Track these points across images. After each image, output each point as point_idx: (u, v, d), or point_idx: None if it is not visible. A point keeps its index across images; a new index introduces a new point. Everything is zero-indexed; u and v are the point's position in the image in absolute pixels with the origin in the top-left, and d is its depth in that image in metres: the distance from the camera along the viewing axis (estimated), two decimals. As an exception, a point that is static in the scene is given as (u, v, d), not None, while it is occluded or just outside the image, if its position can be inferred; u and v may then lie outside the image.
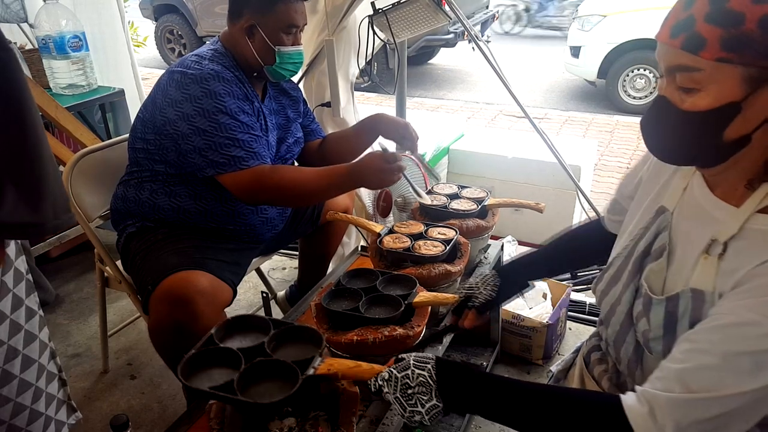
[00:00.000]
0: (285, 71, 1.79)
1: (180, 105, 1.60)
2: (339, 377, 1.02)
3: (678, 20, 0.80)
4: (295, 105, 1.99)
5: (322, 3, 2.18)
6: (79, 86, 2.74)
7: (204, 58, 1.68)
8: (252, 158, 1.61)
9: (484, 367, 2.09)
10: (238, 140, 1.60)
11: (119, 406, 2.09)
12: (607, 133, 5.17)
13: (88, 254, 2.86)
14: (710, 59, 0.77)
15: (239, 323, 1.14)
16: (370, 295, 1.38)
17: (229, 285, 1.68)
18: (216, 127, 1.58)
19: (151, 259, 1.67)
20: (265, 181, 1.62)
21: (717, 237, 0.86)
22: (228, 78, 1.64)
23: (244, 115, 1.64)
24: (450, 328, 1.39)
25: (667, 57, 0.83)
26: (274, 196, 1.68)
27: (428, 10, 2.12)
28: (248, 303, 2.64)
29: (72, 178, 1.85)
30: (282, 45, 1.73)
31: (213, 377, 1.01)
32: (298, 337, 1.12)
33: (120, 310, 2.60)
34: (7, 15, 2.69)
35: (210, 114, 1.58)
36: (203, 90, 1.59)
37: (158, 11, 8.45)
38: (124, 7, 3.03)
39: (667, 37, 0.81)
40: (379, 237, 1.65)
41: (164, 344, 1.65)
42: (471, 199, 1.88)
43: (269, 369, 1.01)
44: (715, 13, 0.76)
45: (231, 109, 1.60)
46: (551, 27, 9.30)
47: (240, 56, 1.75)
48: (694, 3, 0.78)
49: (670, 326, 0.89)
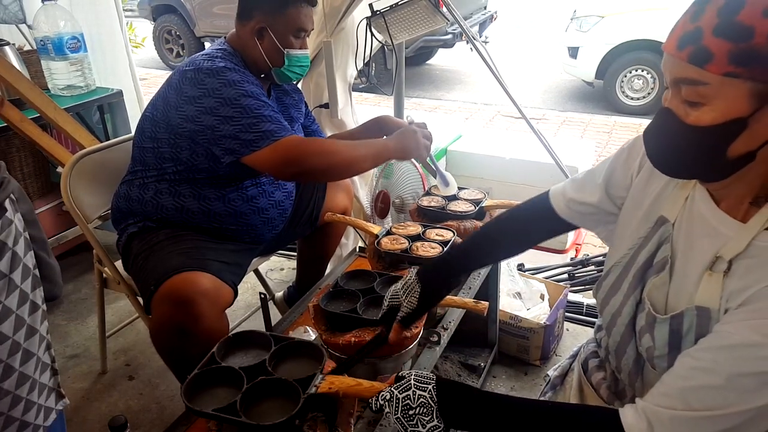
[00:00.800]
0: (292, 74, 1.81)
1: (200, 100, 1.61)
2: (340, 395, 1.04)
3: (685, 32, 0.77)
4: (298, 106, 2.00)
5: (321, 5, 2.19)
6: (77, 87, 2.74)
7: (214, 57, 1.70)
8: (283, 130, 1.62)
9: (482, 367, 2.10)
10: (266, 116, 1.61)
11: (117, 406, 2.09)
12: (604, 134, 5.18)
13: (86, 255, 2.86)
14: (717, 73, 0.74)
15: (240, 339, 1.15)
16: (367, 296, 1.39)
17: (230, 286, 1.68)
18: (241, 110, 1.60)
19: (153, 260, 1.67)
20: (303, 147, 1.62)
21: (722, 254, 0.85)
22: (241, 71, 1.67)
23: (265, 97, 1.67)
24: (375, 342, 1.22)
25: (673, 69, 0.80)
26: (313, 164, 1.62)
27: (426, 12, 2.13)
28: (246, 303, 2.64)
29: (71, 179, 1.85)
30: (291, 48, 1.76)
31: (216, 396, 1.02)
32: (298, 352, 1.13)
33: (118, 311, 2.60)
34: (5, 16, 2.70)
35: (232, 101, 1.60)
36: (220, 81, 1.61)
37: (156, 12, 8.45)
38: (122, 7, 3.03)
39: (674, 49, 0.79)
40: (377, 239, 1.66)
41: (166, 345, 1.66)
42: (469, 201, 1.88)
43: (271, 387, 1.03)
44: (723, 26, 0.73)
45: (252, 91, 1.63)
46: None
47: (248, 57, 1.77)
48: (703, 15, 0.76)
49: (674, 343, 0.89)
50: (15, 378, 1.00)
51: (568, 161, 2.69)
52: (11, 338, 0.97)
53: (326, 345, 1.34)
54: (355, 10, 2.22)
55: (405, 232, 1.70)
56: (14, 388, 1.00)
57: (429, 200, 1.90)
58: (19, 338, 0.99)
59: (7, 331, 0.97)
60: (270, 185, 1.85)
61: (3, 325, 0.96)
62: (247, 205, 1.78)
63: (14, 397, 1.01)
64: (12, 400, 1.01)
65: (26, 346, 1.01)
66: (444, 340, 1.56)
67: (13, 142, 2.55)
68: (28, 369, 1.03)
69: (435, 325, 1.60)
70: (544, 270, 2.65)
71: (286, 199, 1.91)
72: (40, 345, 1.06)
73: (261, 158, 1.60)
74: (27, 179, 2.67)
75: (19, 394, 1.02)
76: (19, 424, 1.04)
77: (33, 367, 1.04)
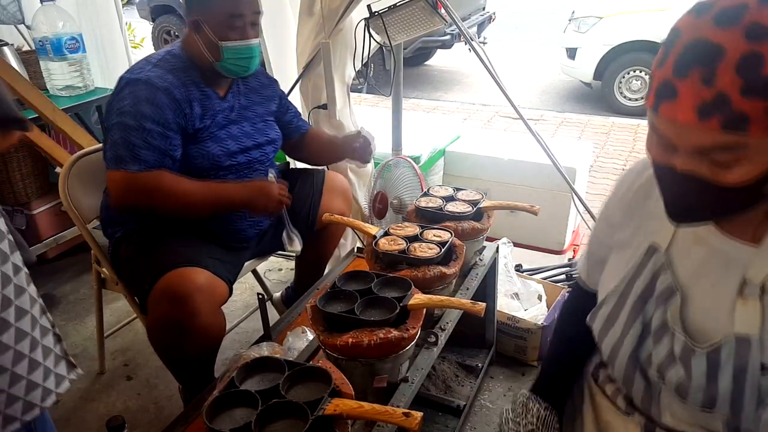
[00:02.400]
0: (236, 67, 1.75)
1: (111, 104, 1.67)
2: (344, 417, 1.10)
3: (704, 100, 0.71)
4: (266, 103, 1.96)
5: (319, 6, 2.19)
6: (76, 88, 2.74)
7: (150, 63, 1.71)
8: (132, 162, 1.60)
9: (480, 368, 2.10)
10: (130, 142, 1.60)
11: (115, 407, 2.10)
12: (603, 135, 5.18)
13: (84, 255, 2.86)
14: (759, 135, 0.71)
15: (258, 365, 1.24)
16: (365, 297, 1.39)
17: (226, 282, 1.68)
18: (118, 124, 1.62)
19: (144, 259, 1.68)
20: (141, 186, 1.61)
21: (750, 278, 0.83)
22: (160, 85, 1.63)
23: (152, 123, 1.61)
24: None
25: (697, 139, 0.74)
26: (145, 202, 1.64)
27: (424, 14, 2.13)
28: (245, 304, 2.65)
29: (69, 179, 1.86)
30: (227, 40, 1.69)
31: (234, 417, 1.11)
32: (309, 376, 1.20)
33: (116, 311, 2.60)
34: (4, 16, 2.70)
35: (121, 112, 1.63)
36: (130, 92, 1.63)
37: (155, 12, 8.44)
38: (122, 8, 3.04)
39: (694, 120, 0.72)
40: (375, 239, 1.66)
41: (163, 342, 1.66)
42: (466, 202, 1.89)
43: (283, 409, 1.11)
44: (752, 85, 0.69)
45: (141, 112, 1.61)
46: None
47: (194, 54, 1.74)
48: (717, 77, 0.70)
49: (712, 376, 0.86)
50: (12, 333, 1.01)
51: (566, 162, 2.70)
52: (1, 292, 0.99)
53: (324, 346, 1.34)
54: (354, 12, 2.23)
55: (403, 233, 1.70)
56: (13, 342, 1.01)
57: (427, 201, 1.90)
58: (8, 294, 1.00)
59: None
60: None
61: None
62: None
63: (16, 352, 1.02)
64: (14, 355, 1.02)
65: (18, 304, 1.02)
66: (441, 340, 1.56)
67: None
68: (24, 325, 1.04)
69: (432, 326, 1.61)
70: (541, 271, 2.65)
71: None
72: (33, 305, 1.07)
73: (108, 179, 1.65)
74: (25, 179, 2.67)
75: (20, 350, 1.03)
76: (27, 384, 1.04)
77: (29, 324, 1.05)
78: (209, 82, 1.78)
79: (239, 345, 2.36)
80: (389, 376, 1.35)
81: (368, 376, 1.32)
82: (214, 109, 1.77)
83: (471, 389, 2.03)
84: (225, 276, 1.68)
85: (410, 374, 1.42)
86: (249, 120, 1.88)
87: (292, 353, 1.49)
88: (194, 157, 1.73)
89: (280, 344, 1.53)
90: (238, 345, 2.36)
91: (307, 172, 2.17)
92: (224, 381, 1.23)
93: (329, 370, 1.19)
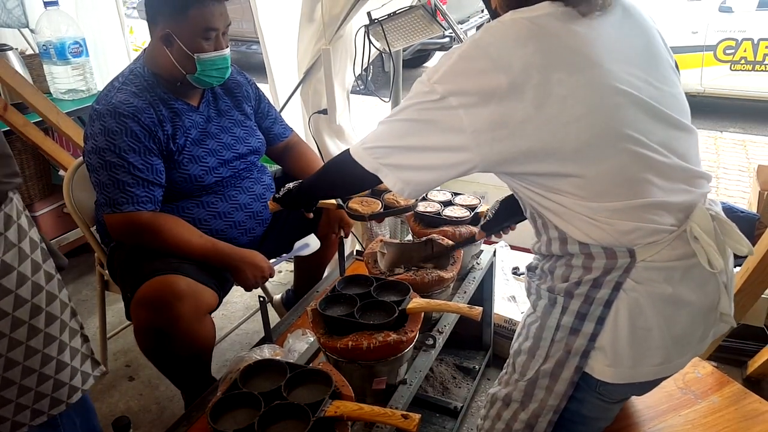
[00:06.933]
0: (210, 78, 1.72)
1: (87, 141, 1.68)
2: (345, 418, 1.13)
3: None
4: (242, 104, 1.92)
5: (319, 12, 2.22)
6: (79, 91, 2.77)
7: (114, 88, 1.69)
8: (127, 203, 1.62)
9: (477, 370, 2.13)
10: (118, 181, 1.62)
11: (118, 407, 2.12)
12: (600, 138, 5.21)
13: (87, 257, 2.89)
14: None
15: (261, 367, 1.28)
16: (364, 301, 1.43)
17: (212, 288, 1.68)
18: (100, 165, 1.63)
19: (131, 267, 1.70)
20: (140, 228, 1.64)
21: None
22: (127, 112, 1.62)
23: (133, 155, 1.63)
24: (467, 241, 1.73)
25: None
26: (147, 240, 1.67)
27: (423, 21, 2.16)
28: (245, 306, 2.67)
29: (73, 183, 1.89)
30: (201, 52, 1.66)
31: (237, 418, 1.13)
32: (311, 378, 1.23)
33: (119, 312, 2.62)
34: (8, 20, 2.72)
35: (101, 152, 1.63)
36: (101, 126, 1.63)
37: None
38: (124, 12, 3.06)
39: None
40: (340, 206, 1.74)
41: (148, 348, 1.68)
42: (464, 206, 1.92)
43: (285, 410, 1.13)
44: None
45: (118, 146, 1.61)
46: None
47: (161, 67, 1.70)
48: None
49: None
50: (41, 338, 1.06)
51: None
52: (30, 301, 1.03)
53: (324, 348, 1.37)
54: (354, 18, 2.26)
55: (369, 209, 1.74)
56: (42, 346, 1.06)
57: (425, 205, 1.93)
58: (39, 302, 1.05)
59: (26, 296, 1.03)
60: (233, 195, 1.86)
61: (21, 290, 1.01)
62: (216, 220, 1.81)
63: (44, 355, 1.07)
64: (43, 357, 1.07)
65: (49, 310, 1.07)
66: (439, 343, 1.59)
67: (15, 145, 2.57)
68: (53, 330, 1.09)
69: (430, 329, 1.64)
70: (538, 274, 2.68)
71: (254, 201, 1.90)
72: (64, 310, 1.12)
73: (106, 222, 1.67)
74: (29, 181, 2.70)
75: (48, 353, 1.08)
76: (54, 383, 1.11)
77: (58, 329, 1.10)
78: (180, 94, 1.76)
79: (240, 346, 2.39)
80: (388, 378, 1.38)
81: (367, 378, 1.36)
82: (185, 126, 1.75)
83: (468, 391, 2.06)
84: (211, 282, 1.68)
85: (408, 376, 1.46)
86: (227, 130, 1.86)
87: (293, 355, 1.52)
88: (177, 182, 1.73)
89: (281, 346, 1.55)
90: (238, 346, 2.39)
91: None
92: (226, 383, 1.26)
93: (330, 373, 1.22)
